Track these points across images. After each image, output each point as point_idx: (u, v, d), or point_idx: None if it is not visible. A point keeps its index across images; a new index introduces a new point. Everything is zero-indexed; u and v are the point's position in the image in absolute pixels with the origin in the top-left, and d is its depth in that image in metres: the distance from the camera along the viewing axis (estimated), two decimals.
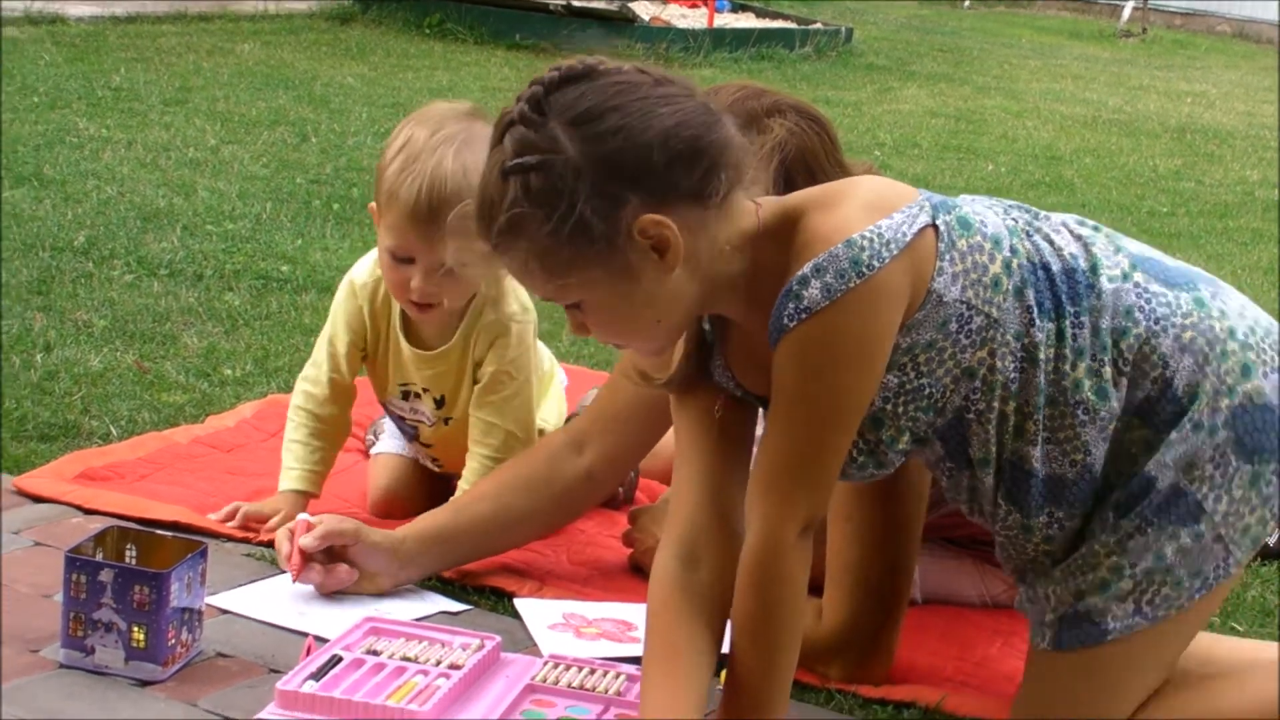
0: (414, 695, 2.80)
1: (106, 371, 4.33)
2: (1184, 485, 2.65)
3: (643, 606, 3.28)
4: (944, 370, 2.64)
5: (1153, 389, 2.66)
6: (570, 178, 2.49)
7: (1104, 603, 2.69)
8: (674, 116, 2.53)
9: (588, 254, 2.52)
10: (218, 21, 11.17)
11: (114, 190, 6.25)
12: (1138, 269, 2.71)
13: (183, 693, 2.82)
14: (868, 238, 2.52)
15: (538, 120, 2.51)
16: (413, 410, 3.67)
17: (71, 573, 2.84)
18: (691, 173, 2.53)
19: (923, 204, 2.60)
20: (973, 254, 2.60)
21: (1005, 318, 2.62)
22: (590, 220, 2.49)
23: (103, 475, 3.67)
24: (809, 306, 2.51)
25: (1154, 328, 2.66)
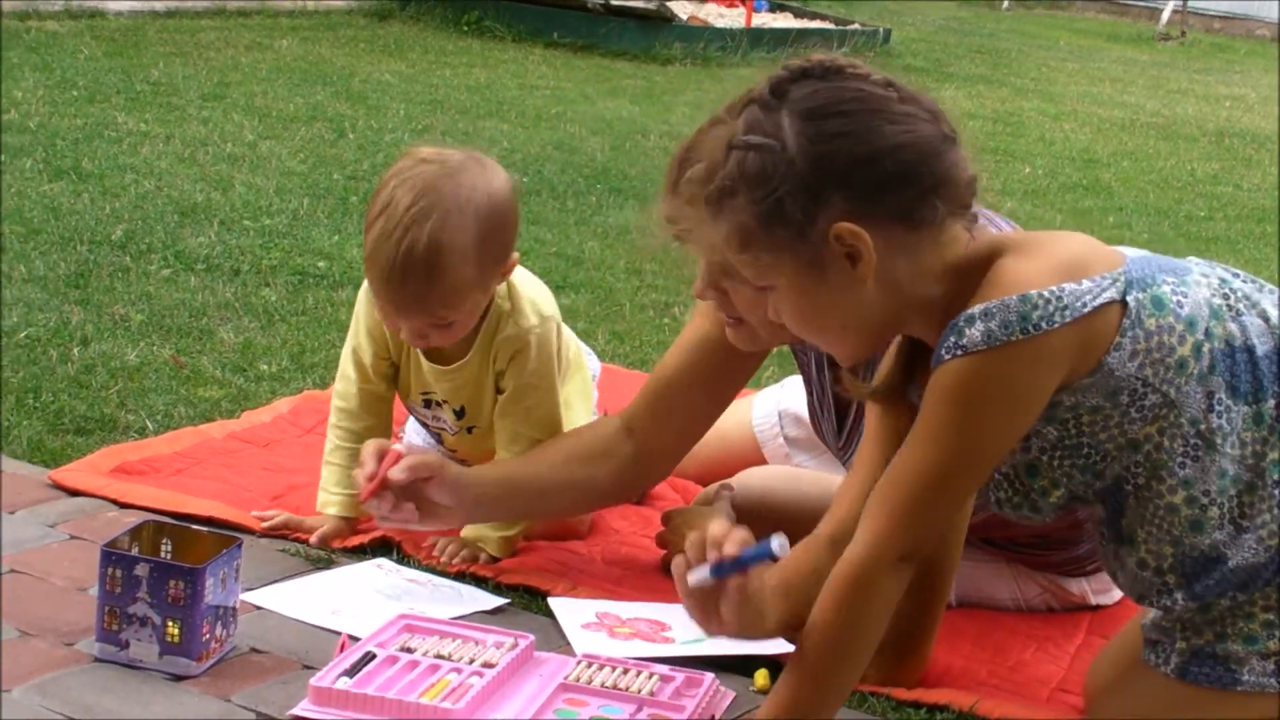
0: (447, 693, 2.80)
1: (143, 366, 4.33)
2: None
3: (676, 607, 3.29)
4: (1107, 436, 2.62)
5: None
6: (782, 167, 2.55)
7: (1244, 652, 2.67)
8: (902, 136, 2.57)
9: (781, 242, 2.58)
10: (256, 17, 11.19)
11: (152, 184, 6.26)
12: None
13: (216, 688, 2.82)
14: (1045, 298, 2.51)
15: (773, 104, 2.58)
16: (435, 418, 3.67)
17: (107, 567, 2.84)
18: (903, 194, 2.56)
19: (1118, 277, 2.56)
20: (1160, 334, 2.57)
21: (1183, 400, 2.59)
22: (789, 211, 2.56)
23: (138, 469, 3.67)
24: (966, 345, 2.51)
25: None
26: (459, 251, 3.27)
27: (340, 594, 3.21)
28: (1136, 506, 2.67)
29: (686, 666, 3.00)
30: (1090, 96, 12.28)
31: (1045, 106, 11.48)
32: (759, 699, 2.97)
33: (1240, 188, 9.18)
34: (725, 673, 3.02)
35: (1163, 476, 2.63)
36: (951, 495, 2.62)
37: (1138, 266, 2.60)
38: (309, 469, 3.78)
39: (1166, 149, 10.24)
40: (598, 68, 10.60)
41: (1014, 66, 13.56)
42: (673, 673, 2.96)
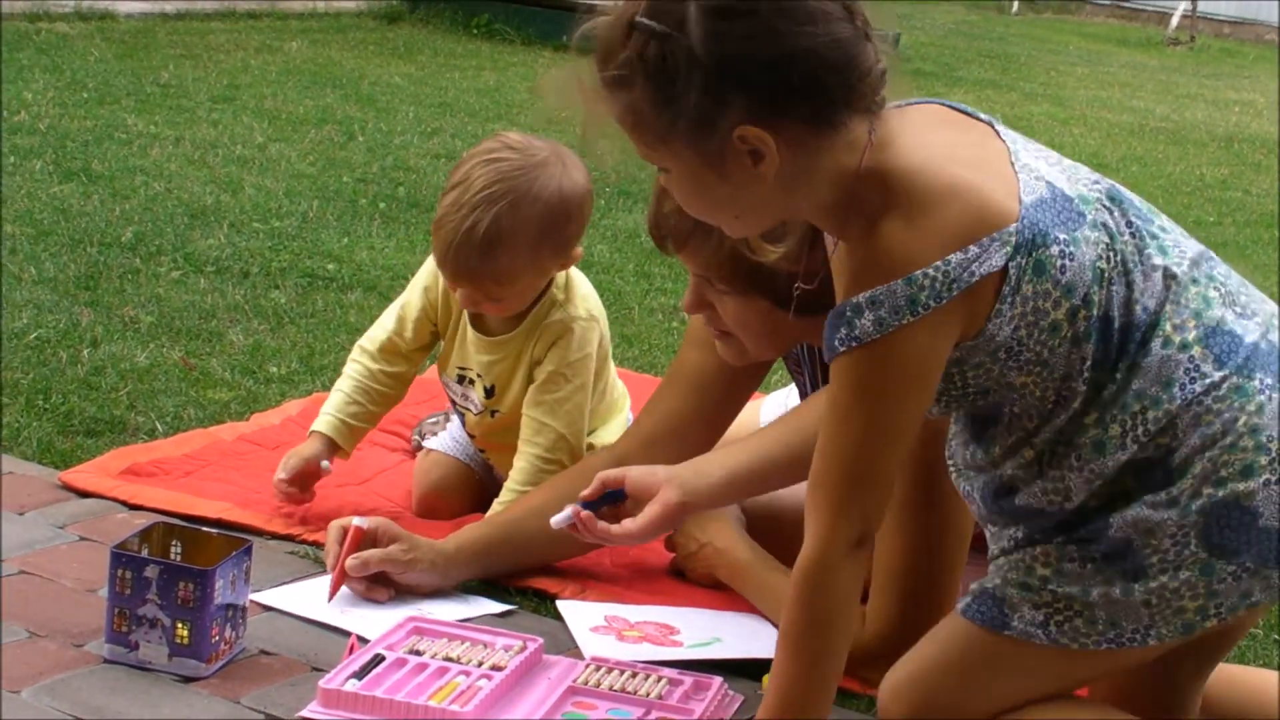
0: (456, 696, 2.80)
1: (153, 368, 4.34)
2: (1136, 544, 2.60)
3: (685, 610, 3.30)
4: (989, 381, 2.63)
5: (1155, 453, 2.60)
6: (684, 64, 2.43)
7: (1019, 599, 2.68)
8: (815, 39, 2.44)
9: (681, 135, 2.49)
10: (266, 19, 11.21)
11: (162, 187, 6.27)
12: (1201, 343, 2.61)
13: (226, 689, 2.83)
14: (931, 276, 2.48)
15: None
16: (464, 396, 3.70)
17: (117, 568, 2.84)
18: (813, 101, 2.47)
19: (1007, 239, 2.52)
20: (1036, 299, 2.55)
21: (1054, 360, 2.59)
22: (691, 110, 2.45)
23: (148, 471, 3.68)
24: (859, 336, 2.50)
25: (1179, 402, 2.59)
26: (518, 241, 3.41)
27: (350, 596, 3.21)
28: (1006, 427, 2.69)
29: (695, 670, 3.00)
30: (1099, 101, 12.28)
31: (1054, 111, 11.48)
32: None
33: (1249, 193, 9.18)
34: (734, 676, 3.02)
35: (1031, 415, 2.65)
36: (878, 473, 2.58)
37: (1032, 222, 2.55)
38: None
39: (1175, 154, 10.24)
40: None
41: (1023, 71, 13.56)
42: (681, 676, 2.96)
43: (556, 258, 3.52)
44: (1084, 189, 2.66)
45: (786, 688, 2.63)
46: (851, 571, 2.60)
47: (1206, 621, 2.62)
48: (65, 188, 6.07)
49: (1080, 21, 18.92)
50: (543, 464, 3.54)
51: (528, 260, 3.45)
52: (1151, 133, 10.98)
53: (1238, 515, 2.57)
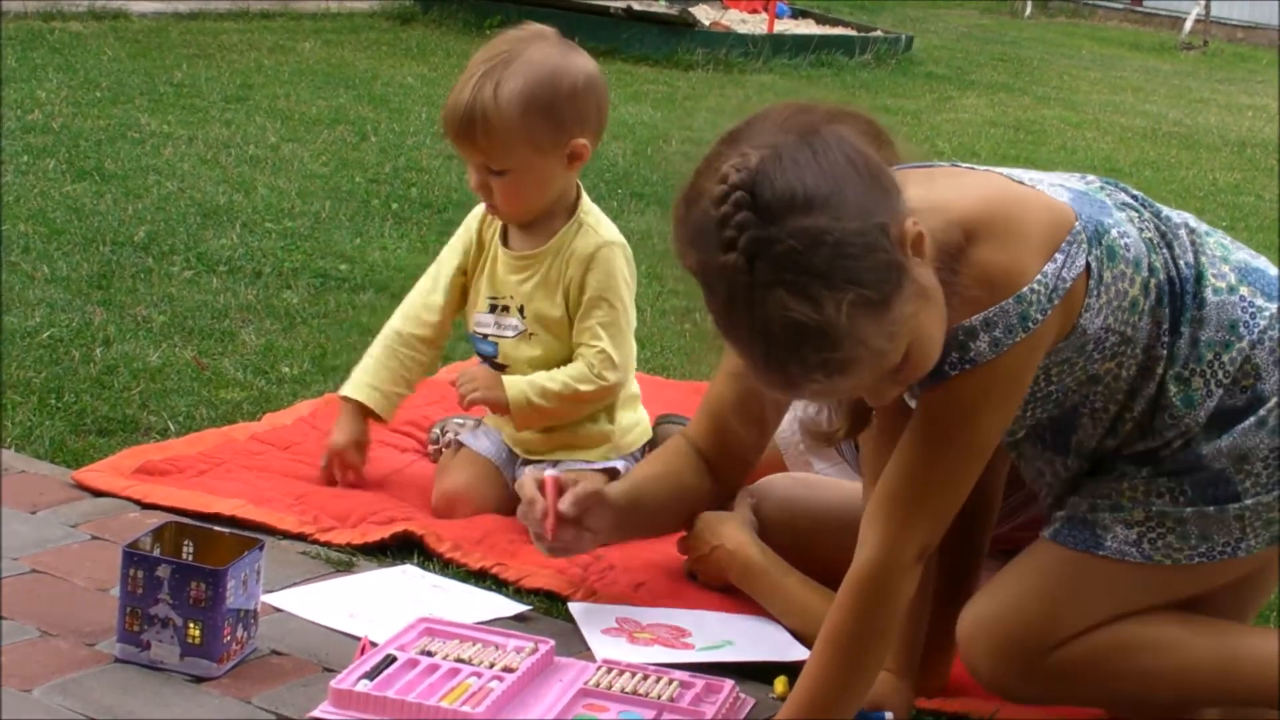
0: (467, 697, 2.80)
1: (165, 367, 4.34)
2: (1230, 473, 2.72)
3: (697, 613, 3.30)
4: (1072, 378, 2.72)
5: (1241, 398, 2.73)
6: (834, 336, 2.38)
7: (1111, 520, 2.75)
8: (876, 257, 2.41)
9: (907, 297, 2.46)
10: (279, 19, 11.21)
11: (174, 186, 6.28)
12: (1245, 282, 2.77)
13: (237, 689, 2.83)
14: (1036, 290, 2.56)
15: (796, 280, 2.38)
16: (497, 325, 3.79)
17: (129, 568, 2.85)
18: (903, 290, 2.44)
19: (1078, 236, 2.61)
20: (1117, 283, 2.66)
21: (1138, 335, 2.70)
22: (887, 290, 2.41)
23: (161, 470, 3.68)
24: (974, 359, 2.56)
25: (1255, 340, 2.72)
26: (507, 100, 3.57)
27: (362, 598, 3.21)
28: (1089, 423, 2.78)
29: (706, 673, 2.99)
30: (1112, 105, 12.26)
31: (1067, 115, 11.46)
32: (778, 706, 2.96)
33: (1261, 198, 9.16)
34: (745, 679, 3.02)
35: (1118, 400, 2.74)
36: (959, 488, 2.66)
37: (1086, 217, 2.64)
38: None
39: (1188, 158, 10.22)
40: (619, 73, 10.59)
41: (1036, 75, 13.54)
42: (693, 679, 2.95)
43: (553, 134, 3.64)
44: (1084, 186, 2.78)
45: (819, 688, 2.66)
46: (910, 582, 2.66)
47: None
48: (78, 187, 6.07)
49: (1093, 25, 18.89)
50: (590, 372, 3.69)
51: (519, 126, 3.59)
52: (1164, 137, 10.96)
53: None
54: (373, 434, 4.04)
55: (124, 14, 10.41)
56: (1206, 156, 10.38)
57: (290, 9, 11.63)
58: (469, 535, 3.52)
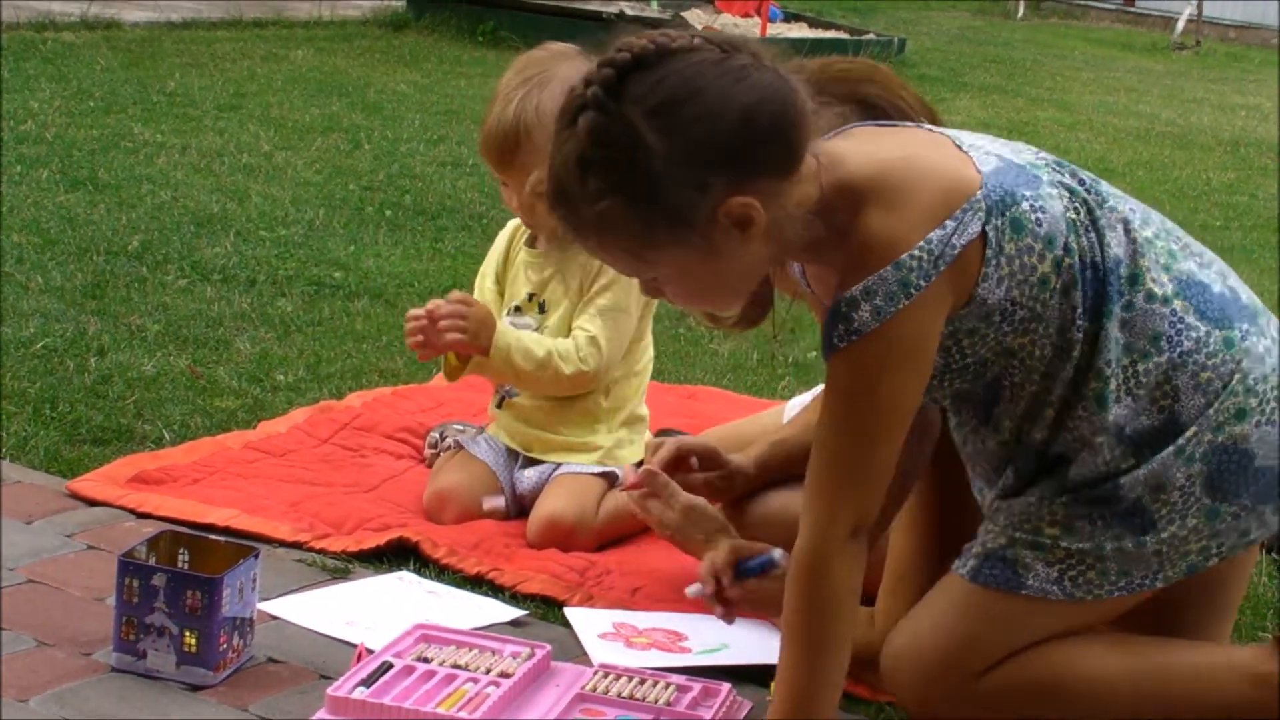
0: (464, 703, 2.80)
1: (160, 376, 4.34)
2: (1147, 502, 2.70)
3: (693, 616, 3.29)
4: (986, 349, 2.69)
5: (1158, 418, 2.70)
6: (658, 169, 2.48)
7: (1032, 559, 2.74)
8: (752, 93, 2.51)
9: (676, 238, 2.53)
10: (272, 28, 11.21)
11: (168, 195, 6.28)
12: (1180, 296, 2.72)
13: (233, 697, 2.83)
14: (917, 257, 2.54)
15: (614, 108, 2.49)
16: (514, 326, 3.82)
17: (124, 577, 2.85)
18: (774, 150, 2.53)
19: (976, 205, 2.59)
20: (1021, 256, 2.62)
21: (1048, 314, 2.67)
22: (679, 208, 2.50)
23: (156, 479, 3.68)
24: (859, 329, 2.55)
25: (1176, 360, 2.69)
26: (544, 121, 3.50)
27: (358, 605, 3.21)
28: (1010, 399, 2.75)
29: (704, 677, 2.99)
30: (1105, 106, 12.26)
31: (1060, 116, 11.47)
32: None
33: (1256, 197, 9.17)
34: (742, 683, 3.02)
35: (1034, 378, 2.72)
36: (879, 459, 2.62)
37: (996, 185, 2.62)
38: (326, 480, 3.80)
39: (1182, 158, 10.22)
40: None
41: (1029, 76, 13.54)
42: (690, 683, 2.95)
43: None
44: (1031, 158, 2.75)
45: (791, 680, 2.66)
46: (849, 561, 2.62)
47: (1209, 561, 2.75)
48: (72, 196, 6.07)
49: (1086, 26, 18.89)
50: (574, 353, 3.74)
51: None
52: (1157, 137, 10.97)
53: (1236, 458, 2.71)
54: (369, 441, 4.06)
55: (117, 23, 10.40)
56: (1200, 156, 10.38)
57: (283, 17, 11.62)
58: (465, 541, 3.52)
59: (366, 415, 4.20)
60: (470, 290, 3.91)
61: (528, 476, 3.81)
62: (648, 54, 2.52)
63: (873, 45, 12.83)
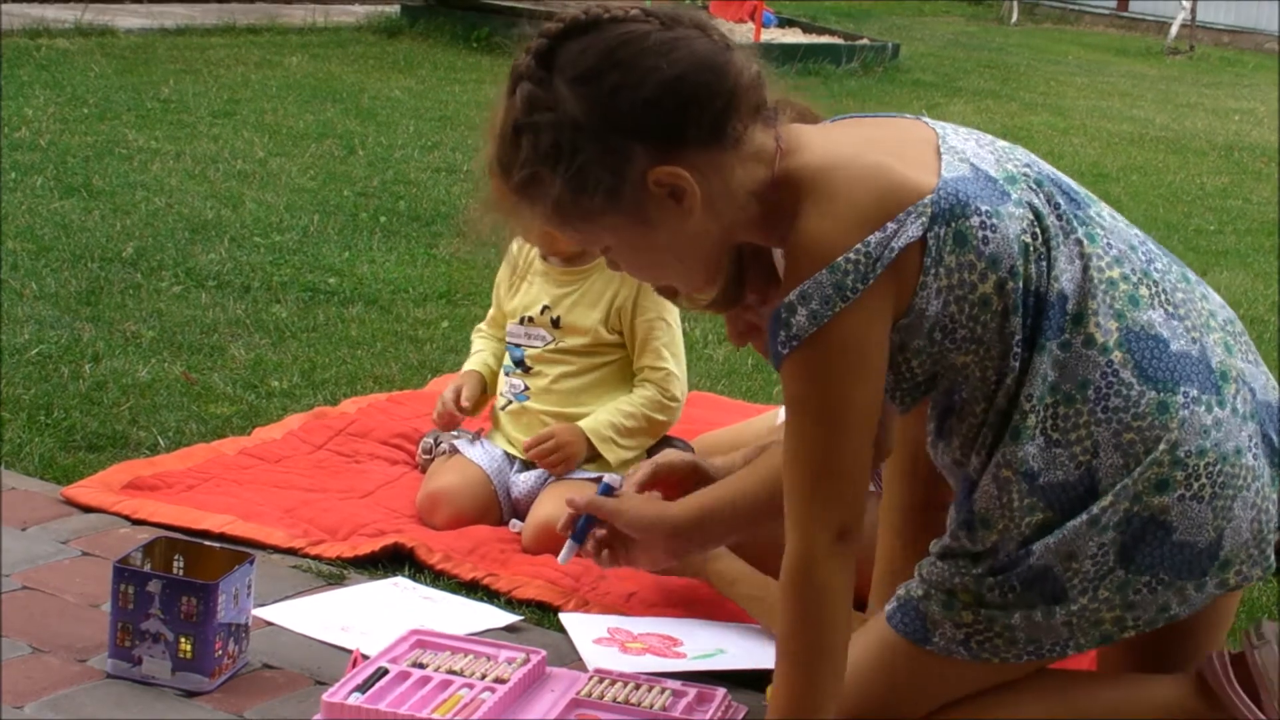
0: (460, 709, 2.80)
1: (154, 382, 4.34)
2: (1057, 571, 2.61)
3: (688, 622, 3.30)
4: (933, 364, 2.65)
5: (1074, 474, 2.61)
6: (575, 136, 2.51)
7: (941, 616, 2.68)
8: (680, 64, 2.53)
9: (602, 205, 2.55)
10: (266, 34, 11.21)
11: (162, 201, 6.28)
12: (1123, 348, 2.62)
13: (229, 704, 2.83)
14: (852, 260, 2.51)
15: (543, 77, 2.54)
16: (527, 335, 3.90)
17: (119, 583, 2.85)
18: (702, 119, 2.53)
19: (922, 209, 2.54)
20: (961, 271, 2.57)
21: (988, 336, 2.60)
22: (599, 175, 2.52)
23: (150, 485, 3.68)
24: (798, 335, 2.52)
25: (1099, 415, 2.60)
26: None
27: (353, 611, 3.21)
28: (959, 416, 2.69)
29: (699, 681, 3.00)
30: (1099, 111, 12.27)
31: (1054, 121, 11.48)
32: None
33: (1250, 201, 9.17)
34: (738, 688, 3.02)
35: (978, 398, 2.66)
36: (849, 461, 2.58)
37: (950, 193, 2.57)
38: (322, 486, 3.81)
39: (1176, 163, 10.23)
40: None
41: (1022, 81, 13.56)
42: (685, 688, 2.96)
43: None
44: (1012, 169, 2.68)
45: (788, 687, 2.63)
46: (837, 566, 2.58)
47: (1124, 632, 2.65)
48: (66, 203, 6.07)
49: (1079, 31, 18.91)
50: (662, 397, 3.84)
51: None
52: (1151, 142, 10.98)
53: (1152, 530, 2.60)
54: (364, 447, 4.06)
55: (111, 30, 10.41)
56: (1194, 161, 10.39)
57: (277, 23, 11.63)
58: (460, 546, 3.52)
59: (361, 421, 4.20)
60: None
61: (523, 481, 3.82)
62: (579, 24, 2.56)
63: (867, 50, 12.85)
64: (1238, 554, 2.64)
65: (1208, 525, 2.61)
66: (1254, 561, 2.67)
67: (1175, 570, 2.61)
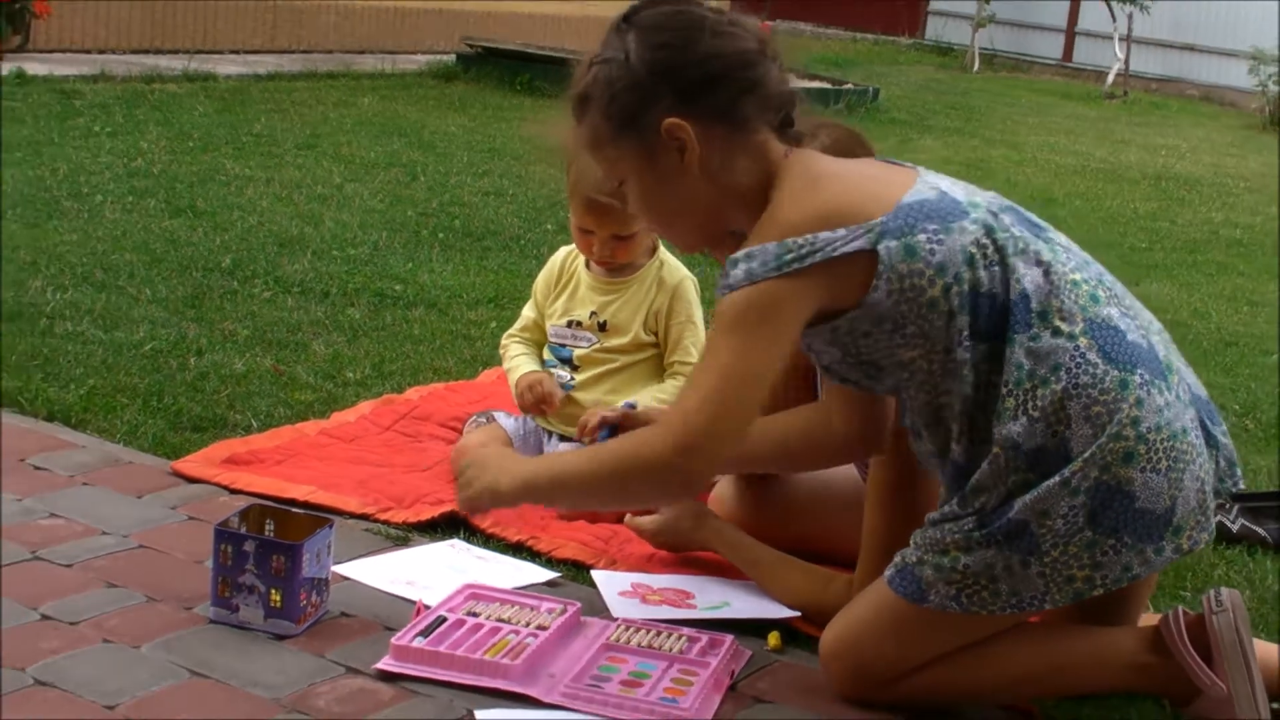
0: (507, 651, 2.80)
1: (248, 373, 4.34)
2: (1033, 525, 2.59)
3: (700, 578, 3.29)
4: (880, 354, 2.66)
5: (1051, 441, 2.59)
6: (624, 73, 2.66)
7: (934, 577, 2.67)
8: (721, 47, 2.65)
9: (626, 136, 2.68)
10: (342, 79, 11.21)
11: (255, 220, 6.28)
12: (1088, 335, 2.61)
13: (313, 646, 2.83)
14: (799, 244, 2.56)
15: (623, 28, 2.69)
16: (573, 337, 3.89)
17: (220, 543, 2.85)
18: (719, 93, 2.64)
19: (872, 228, 2.57)
20: (911, 278, 2.58)
21: (934, 333, 2.61)
22: (627, 108, 2.66)
23: (245, 460, 3.68)
24: (731, 284, 2.58)
25: (1071, 390, 2.58)
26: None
27: (417, 568, 3.21)
28: (912, 411, 2.72)
29: (709, 629, 2.99)
30: (1048, 146, 12.24)
31: (1010, 154, 11.45)
32: (772, 657, 2.96)
33: (1175, 223, 9.15)
34: (743, 634, 3.01)
35: (927, 391, 2.67)
36: (730, 406, 2.58)
37: (901, 215, 2.60)
38: (389, 461, 3.80)
39: (1113, 190, 10.20)
40: None
41: (983, 120, 13.52)
42: (698, 634, 2.95)
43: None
44: (979, 199, 2.71)
45: (561, 469, 2.77)
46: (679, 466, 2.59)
47: (1094, 590, 2.63)
48: (174, 222, 6.07)
49: (1030, 79, 18.83)
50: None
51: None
52: (1092, 172, 10.94)
53: (1118, 497, 2.58)
54: (425, 428, 4.05)
55: (212, 76, 10.41)
56: (1128, 189, 10.36)
57: (351, 70, 11.62)
58: (507, 513, 3.51)
59: (423, 406, 4.20)
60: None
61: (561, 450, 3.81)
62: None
63: (851, 94, 12.82)
64: (1188, 520, 2.64)
65: (1164, 494, 2.60)
66: (1201, 527, 2.66)
67: (1136, 534, 2.60)
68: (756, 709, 2.77)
